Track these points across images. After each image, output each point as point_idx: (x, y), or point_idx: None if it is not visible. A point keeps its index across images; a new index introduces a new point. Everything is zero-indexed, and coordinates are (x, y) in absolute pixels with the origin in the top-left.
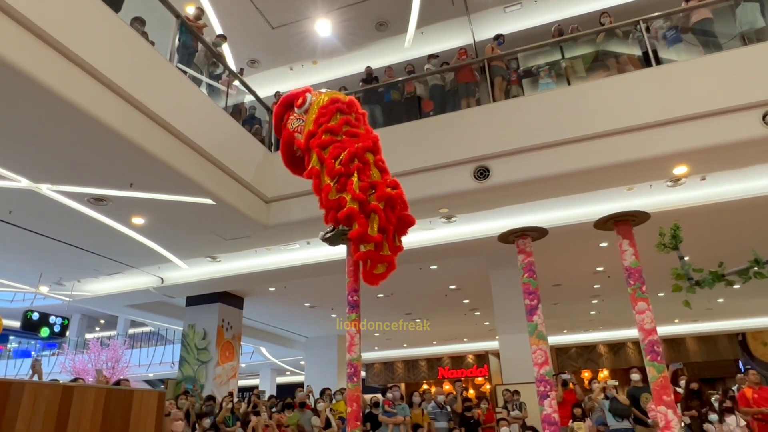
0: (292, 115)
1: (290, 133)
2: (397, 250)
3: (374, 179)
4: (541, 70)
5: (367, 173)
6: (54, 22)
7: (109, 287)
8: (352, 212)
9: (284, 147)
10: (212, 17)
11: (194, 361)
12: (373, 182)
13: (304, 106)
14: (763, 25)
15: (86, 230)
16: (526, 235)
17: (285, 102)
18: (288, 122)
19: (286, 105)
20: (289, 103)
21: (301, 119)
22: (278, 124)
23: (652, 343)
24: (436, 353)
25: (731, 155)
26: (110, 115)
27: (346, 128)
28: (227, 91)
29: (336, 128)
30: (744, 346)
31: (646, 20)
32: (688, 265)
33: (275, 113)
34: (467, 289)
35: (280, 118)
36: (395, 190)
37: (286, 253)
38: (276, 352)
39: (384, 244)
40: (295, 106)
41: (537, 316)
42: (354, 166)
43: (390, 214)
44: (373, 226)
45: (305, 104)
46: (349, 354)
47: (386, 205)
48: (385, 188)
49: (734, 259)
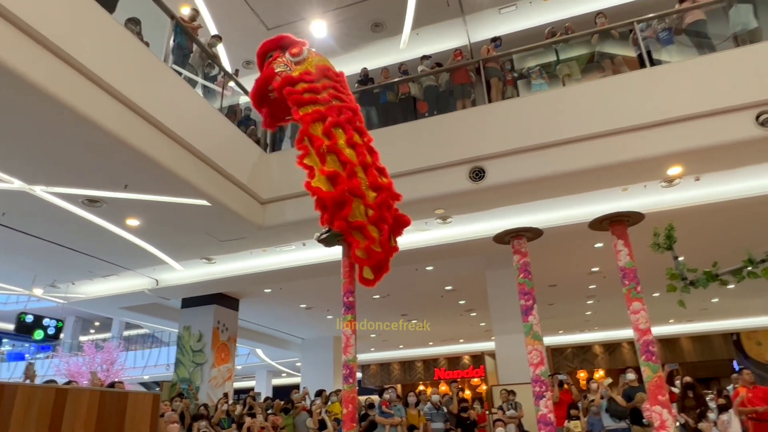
0: (281, 57)
1: (272, 71)
2: (392, 251)
3: (356, 140)
4: (533, 71)
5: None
6: (47, 23)
7: (104, 289)
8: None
9: (261, 82)
10: (207, 18)
11: (189, 363)
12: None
13: (298, 57)
14: (755, 26)
15: (80, 232)
16: (522, 235)
17: (279, 42)
18: (274, 61)
19: (278, 44)
20: (281, 45)
21: (288, 66)
22: (263, 58)
23: (647, 343)
24: (433, 354)
25: (725, 156)
26: (104, 116)
27: (330, 91)
28: (222, 92)
29: (319, 89)
30: (738, 345)
31: (640, 21)
32: (683, 265)
33: (264, 46)
34: (463, 290)
35: (267, 52)
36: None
37: (281, 254)
38: (272, 354)
39: (375, 239)
40: (289, 52)
41: (532, 316)
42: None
43: (386, 214)
44: (359, 207)
45: (300, 55)
46: (345, 355)
47: (380, 199)
48: (375, 172)
49: (728, 259)
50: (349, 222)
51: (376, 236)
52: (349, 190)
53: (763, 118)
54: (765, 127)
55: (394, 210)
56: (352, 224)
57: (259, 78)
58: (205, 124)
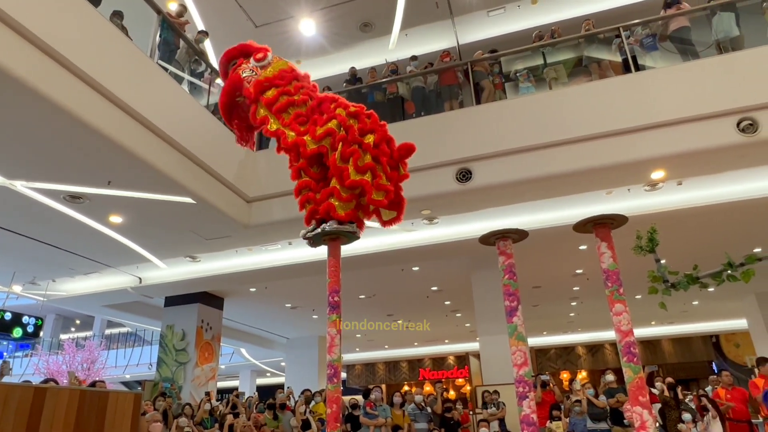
0: (246, 63)
1: (239, 78)
2: (402, 178)
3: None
4: (520, 74)
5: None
6: (28, 14)
7: (86, 287)
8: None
9: (228, 89)
10: (195, 14)
11: (172, 362)
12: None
13: (263, 62)
14: (737, 34)
15: (62, 228)
16: (507, 237)
17: (242, 49)
18: (239, 67)
19: (241, 51)
20: (245, 51)
21: (254, 72)
22: (226, 66)
23: (629, 345)
24: (418, 354)
25: (707, 161)
26: (88, 111)
27: (303, 91)
28: (209, 88)
29: (293, 92)
30: (717, 347)
31: (625, 27)
32: (664, 268)
33: (228, 54)
34: (449, 291)
35: (230, 60)
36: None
37: (267, 253)
38: (256, 353)
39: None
40: (254, 58)
41: (517, 317)
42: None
43: (384, 148)
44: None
45: (265, 60)
46: (330, 355)
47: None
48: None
49: (709, 262)
50: (358, 166)
51: (383, 175)
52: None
53: (743, 124)
54: (745, 133)
55: (393, 144)
56: (361, 167)
57: (226, 86)
58: (191, 120)
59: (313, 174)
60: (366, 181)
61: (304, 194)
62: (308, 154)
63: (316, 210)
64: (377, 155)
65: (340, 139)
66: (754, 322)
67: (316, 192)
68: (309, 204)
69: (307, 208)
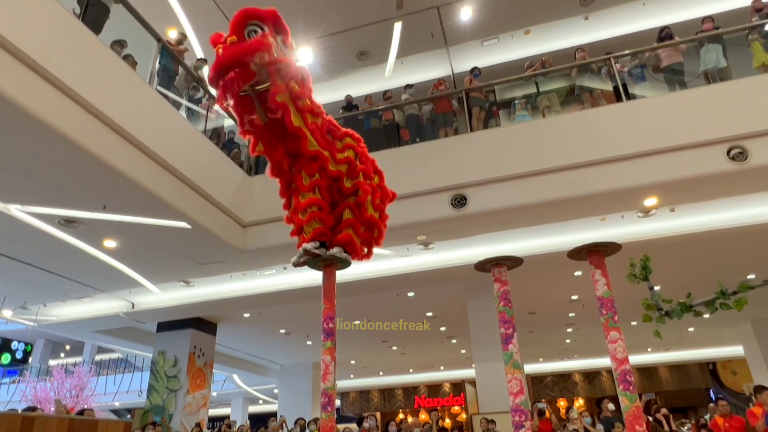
0: (275, 37)
1: (269, 45)
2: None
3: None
4: (518, 102)
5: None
6: (28, 39)
7: (77, 312)
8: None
9: (245, 50)
10: (194, 41)
11: (163, 389)
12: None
13: (292, 51)
14: (725, 65)
15: (55, 253)
16: (502, 264)
17: (273, 17)
18: (268, 38)
19: (272, 20)
20: (276, 24)
21: (283, 55)
22: (242, 25)
23: (625, 373)
24: (413, 381)
25: (698, 188)
26: (86, 136)
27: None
28: (207, 114)
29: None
30: (714, 375)
31: (616, 57)
32: (658, 296)
33: (254, 13)
34: (444, 317)
35: (254, 20)
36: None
37: (262, 278)
38: (249, 380)
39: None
40: (285, 42)
41: (512, 345)
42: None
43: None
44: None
45: (293, 51)
46: (324, 383)
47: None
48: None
49: (703, 288)
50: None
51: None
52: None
53: (734, 152)
54: (736, 161)
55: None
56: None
57: (245, 48)
58: (188, 146)
59: (326, 196)
60: (377, 219)
61: (312, 212)
62: (332, 174)
63: (324, 232)
64: (383, 197)
65: (360, 171)
66: (751, 349)
67: (325, 214)
68: (317, 223)
69: (313, 226)
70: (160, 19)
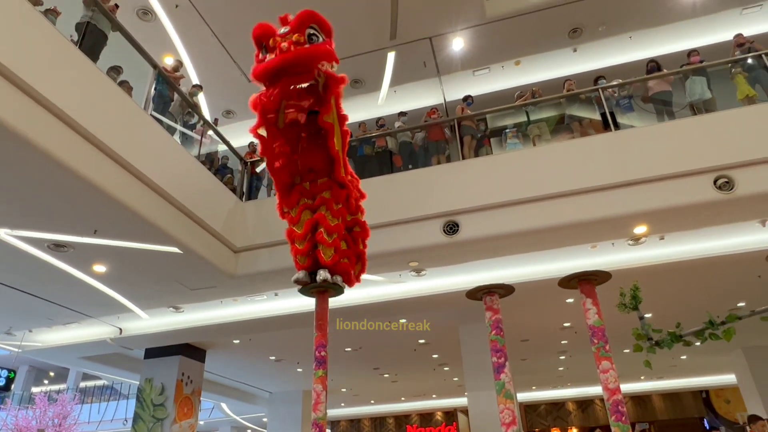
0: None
1: (333, 53)
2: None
3: None
4: (509, 131)
5: None
6: (26, 66)
7: (63, 337)
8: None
9: (318, 54)
10: (190, 68)
11: (149, 418)
12: None
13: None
14: (710, 96)
15: (43, 277)
16: (494, 292)
17: (330, 33)
18: (330, 47)
19: (330, 35)
20: (331, 39)
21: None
22: (306, 24)
23: (617, 403)
24: (404, 410)
25: (687, 217)
26: (78, 160)
27: None
28: (201, 140)
29: None
30: (708, 403)
31: (604, 88)
32: (648, 326)
33: (321, 21)
34: (436, 344)
35: (315, 24)
36: None
37: (253, 304)
38: (237, 409)
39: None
40: (335, 61)
41: (504, 374)
42: None
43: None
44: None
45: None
46: (315, 413)
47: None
48: None
49: (695, 315)
50: None
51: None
52: None
53: (720, 182)
54: (722, 190)
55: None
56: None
57: (314, 49)
58: (181, 171)
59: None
60: (365, 253)
61: (336, 239)
62: (352, 206)
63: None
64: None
65: (359, 206)
66: (743, 377)
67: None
68: (335, 251)
69: (331, 252)
70: (157, 46)
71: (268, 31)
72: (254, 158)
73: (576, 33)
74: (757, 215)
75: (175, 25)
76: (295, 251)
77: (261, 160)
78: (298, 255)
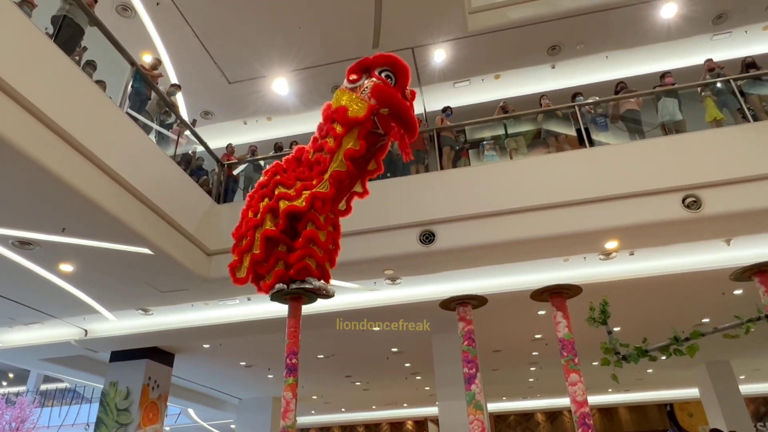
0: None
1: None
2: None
3: None
4: (486, 143)
5: None
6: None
7: (25, 338)
8: None
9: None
10: (169, 67)
11: (112, 423)
12: None
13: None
14: (680, 118)
15: (6, 275)
16: (467, 302)
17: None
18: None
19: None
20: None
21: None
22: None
23: (584, 416)
24: (375, 418)
25: (656, 233)
26: (48, 156)
27: None
28: (177, 140)
29: None
30: (672, 416)
31: (580, 106)
32: (616, 340)
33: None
34: (409, 353)
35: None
36: None
37: (225, 308)
38: (205, 415)
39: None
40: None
41: (475, 384)
42: None
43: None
44: None
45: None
46: (284, 420)
47: None
48: None
49: (662, 330)
50: None
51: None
52: None
53: (688, 201)
54: (690, 209)
55: None
56: None
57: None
58: (155, 171)
59: None
60: None
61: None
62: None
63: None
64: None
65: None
66: (706, 391)
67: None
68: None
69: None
70: (135, 43)
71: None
72: (231, 160)
73: (555, 50)
74: (723, 234)
75: (155, 23)
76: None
77: (237, 163)
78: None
